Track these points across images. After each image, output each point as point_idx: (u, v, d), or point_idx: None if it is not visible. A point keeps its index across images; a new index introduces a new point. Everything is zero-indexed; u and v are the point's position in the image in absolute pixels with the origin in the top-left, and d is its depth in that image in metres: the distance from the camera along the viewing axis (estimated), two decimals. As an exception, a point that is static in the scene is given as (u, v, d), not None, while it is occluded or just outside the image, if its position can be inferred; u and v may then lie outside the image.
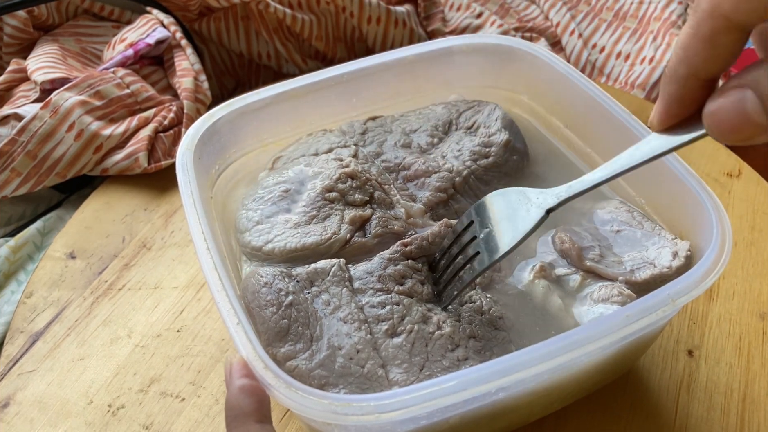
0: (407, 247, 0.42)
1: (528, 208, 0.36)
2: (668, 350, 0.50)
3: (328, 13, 0.76)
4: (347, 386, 0.36)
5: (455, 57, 0.55)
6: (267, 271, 0.40)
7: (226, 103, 0.49)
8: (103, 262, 0.57)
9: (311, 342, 0.37)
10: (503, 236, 0.36)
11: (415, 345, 0.38)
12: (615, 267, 0.43)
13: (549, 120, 0.54)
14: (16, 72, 0.66)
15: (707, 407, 0.47)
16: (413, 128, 0.52)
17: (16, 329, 0.52)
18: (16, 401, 0.48)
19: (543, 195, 0.36)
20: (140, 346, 0.51)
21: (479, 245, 0.37)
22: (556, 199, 0.35)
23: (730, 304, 0.53)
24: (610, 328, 0.35)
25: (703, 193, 0.41)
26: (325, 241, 0.42)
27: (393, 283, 0.40)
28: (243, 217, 0.45)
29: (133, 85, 0.65)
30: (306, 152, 0.50)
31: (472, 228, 0.39)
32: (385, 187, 0.47)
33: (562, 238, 0.44)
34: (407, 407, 0.31)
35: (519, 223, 0.36)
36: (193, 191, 0.42)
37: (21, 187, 0.60)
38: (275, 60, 0.78)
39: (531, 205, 0.36)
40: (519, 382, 0.33)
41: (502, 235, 0.36)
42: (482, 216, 0.38)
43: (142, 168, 0.62)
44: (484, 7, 0.87)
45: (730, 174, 0.64)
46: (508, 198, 0.37)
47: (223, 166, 0.50)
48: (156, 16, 0.69)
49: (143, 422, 0.46)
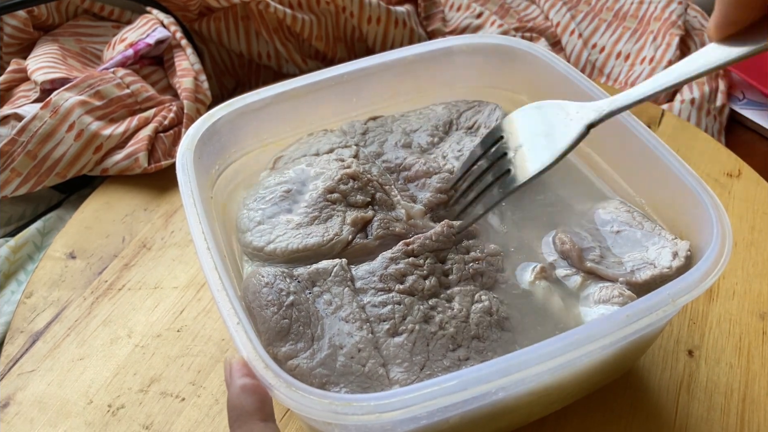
0: (409, 246, 0.42)
1: (567, 122, 0.31)
2: (668, 350, 0.50)
3: (328, 13, 0.76)
4: (348, 385, 0.36)
5: (455, 57, 0.55)
6: (268, 271, 0.40)
7: (226, 103, 0.49)
8: (103, 262, 0.57)
9: (312, 341, 0.38)
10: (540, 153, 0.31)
11: (417, 344, 0.38)
12: (615, 268, 0.43)
13: (549, 120, 0.54)
14: (16, 72, 0.66)
15: (707, 407, 0.47)
16: (414, 128, 0.52)
17: (16, 329, 0.52)
18: (16, 401, 0.48)
19: (583, 109, 0.32)
20: (140, 346, 0.51)
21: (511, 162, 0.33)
22: (597, 113, 0.31)
23: (730, 304, 0.53)
24: (611, 327, 0.35)
25: (703, 193, 0.41)
26: (327, 242, 0.42)
27: (394, 282, 0.40)
28: (244, 217, 0.45)
29: (133, 85, 0.65)
30: (307, 152, 0.50)
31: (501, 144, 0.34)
32: (386, 188, 0.47)
33: (563, 239, 0.44)
34: (407, 407, 0.31)
35: (557, 139, 0.31)
36: (193, 191, 0.42)
37: (21, 187, 0.60)
38: (275, 60, 0.78)
39: (570, 119, 0.32)
40: (519, 381, 0.33)
41: (537, 152, 0.32)
42: (513, 132, 0.33)
43: (142, 168, 0.62)
44: (484, 7, 0.87)
45: (730, 174, 0.64)
46: (544, 111, 0.33)
47: (223, 166, 0.50)
48: (156, 16, 0.70)
49: (143, 422, 0.46)
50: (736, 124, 0.77)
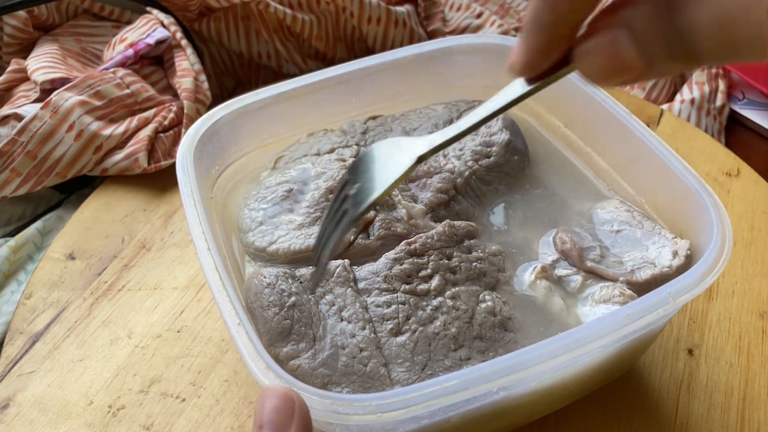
0: (412, 245, 0.42)
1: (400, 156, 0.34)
2: (668, 349, 0.50)
3: (328, 13, 0.76)
4: (350, 385, 0.36)
5: (455, 57, 0.55)
6: (270, 272, 0.40)
7: (226, 103, 0.49)
8: (102, 263, 0.57)
9: (314, 341, 0.38)
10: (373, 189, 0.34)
11: (418, 344, 0.38)
12: (616, 267, 0.43)
13: (549, 120, 0.54)
14: (16, 72, 0.66)
15: (707, 406, 0.47)
16: (413, 126, 0.52)
17: (15, 330, 0.52)
18: (16, 402, 0.48)
19: (415, 143, 0.34)
20: (140, 347, 0.51)
21: (347, 203, 0.35)
22: (428, 145, 0.33)
23: (730, 303, 0.53)
24: (611, 326, 0.35)
25: (703, 192, 0.41)
26: (329, 242, 0.42)
27: (399, 282, 0.40)
28: (246, 217, 0.45)
29: (133, 85, 0.65)
30: (308, 152, 0.50)
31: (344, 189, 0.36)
32: (387, 187, 0.47)
33: (563, 239, 0.44)
34: (409, 407, 0.31)
35: (389, 173, 0.33)
36: (193, 191, 0.42)
37: (21, 187, 0.60)
38: (275, 60, 0.78)
39: (402, 153, 0.34)
40: (520, 381, 0.33)
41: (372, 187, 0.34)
42: (356, 173, 0.36)
43: (142, 168, 0.62)
44: (484, 7, 0.87)
45: (730, 173, 0.64)
46: (380, 150, 0.35)
47: (223, 166, 0.50)
48: (156, 16, 0.69)
49: (143, 423, 0.46)
50: (736, 124, 0.77)
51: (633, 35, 0.23)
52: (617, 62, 0.23)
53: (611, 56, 0.23)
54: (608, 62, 0.24)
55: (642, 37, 0.23)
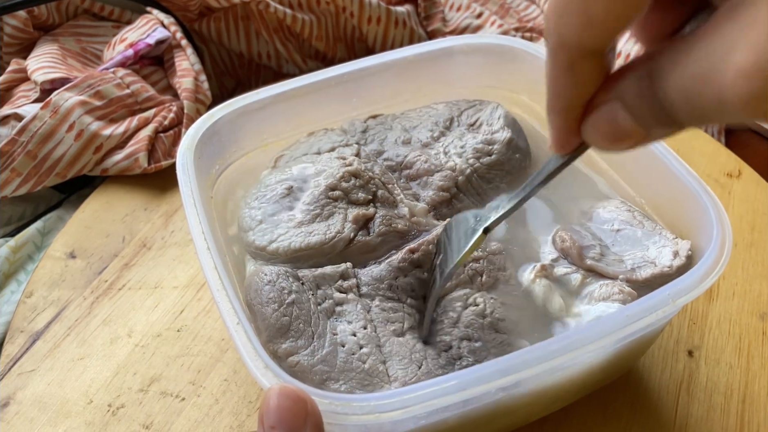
0: (414, 253, 0.42)
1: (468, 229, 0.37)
2: (668, 350, 0.50)
3: (328, 13, 0.76)
4: (348, 382, 0.36)
5: (455, 57, 0.55)
6: (271, 269, 0.40)
7: (226, 103, 0.49)
8: (103, 262, 0.57)
9: (313, 338, 0.38)
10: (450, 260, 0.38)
11: (417, 344, 0.38)
12: (615, 265, 0.43)
13: (549, 120, 0.54)
14: (16, 72, 0.66)
15: (707, 407, 0.47)
16: (414, 125, 0.52)
17: (16, 329, 0.52)
18: (16, 401, 0.48)
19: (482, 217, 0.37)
20: (140, 346, 0.51)
21: (435, 272, 0.40)
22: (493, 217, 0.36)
23: (730, 305, 0.53)
24: (610, 328, 0.35)
25: (704, 193, 0.41)
26: (329, 240, 0.42)
27: (405, 295, 0.41)
28: (246, 216, 0.45)
29: (133, 85, 0.65)
30: (308, 151, 0.50)
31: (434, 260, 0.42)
32: (388, 186, 0.47)
33: (563, 237, 0.44)
34: (407, 407, 0.31)
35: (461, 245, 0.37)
36: (193, 191, 0.42)
37: (21, 187, 0.60)
38: (275, 60, 0.78)
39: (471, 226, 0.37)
40: (519, 382, 0.33)
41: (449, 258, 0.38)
42: (438, 246, 0.41)
43: (142, 168, 0.62)
44: (484, 7, 0.87)
45: (730, 174, 0.64)
46: (458, 220, 0.40)
47: (223, 166, 0.50)
48: (156, 16, 0.70)
49: (143, 422, 0.46)
50: (737, 125, 0.77)
51: (626, 107, 0.24)
52: (617, 132, 0.25)
53: (611, 128, 0.25)
54: (609, 133, 0.25)
55: (633, 108, 0.24)
